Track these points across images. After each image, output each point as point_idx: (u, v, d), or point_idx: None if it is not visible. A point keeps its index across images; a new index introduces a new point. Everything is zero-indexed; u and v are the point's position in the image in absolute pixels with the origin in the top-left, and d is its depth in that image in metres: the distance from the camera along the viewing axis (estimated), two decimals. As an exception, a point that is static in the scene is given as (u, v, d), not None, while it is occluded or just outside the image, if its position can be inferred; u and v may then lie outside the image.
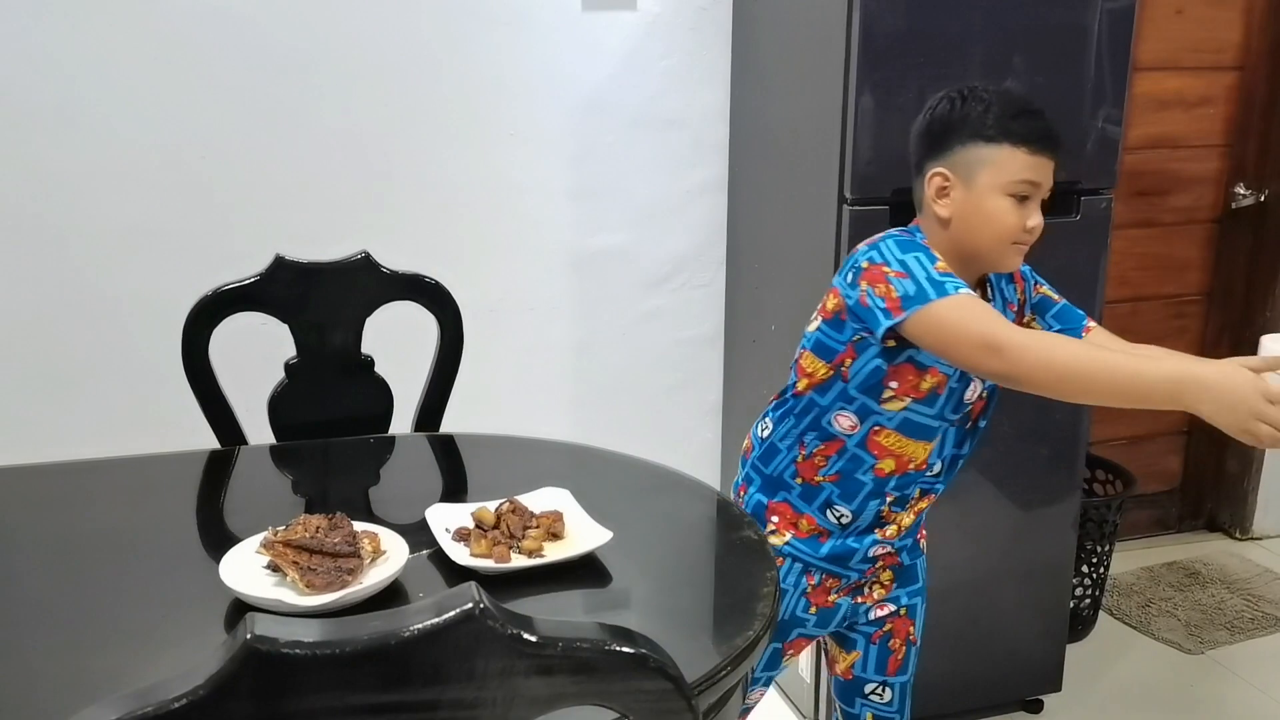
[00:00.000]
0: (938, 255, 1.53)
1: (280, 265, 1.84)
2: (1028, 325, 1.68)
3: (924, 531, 1.78)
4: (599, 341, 2.69)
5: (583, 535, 1.42)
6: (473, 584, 0.74)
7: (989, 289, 1.63)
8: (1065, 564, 2.45)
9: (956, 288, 1.47)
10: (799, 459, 1.66)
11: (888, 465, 1.63)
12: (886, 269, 1.50)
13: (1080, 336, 1.64)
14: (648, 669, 0.79)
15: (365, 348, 1.91)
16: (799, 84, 2.29)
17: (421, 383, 1.96)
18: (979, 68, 2.11)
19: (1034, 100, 1.57)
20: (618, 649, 0.78)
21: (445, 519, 1.44)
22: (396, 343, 1.95)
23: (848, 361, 1.58)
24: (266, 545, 1.31)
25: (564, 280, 2.65)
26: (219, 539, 1.55)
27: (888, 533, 1.67)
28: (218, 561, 1.32)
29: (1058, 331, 1.64)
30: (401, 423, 1.94)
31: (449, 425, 1.95)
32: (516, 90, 2.51)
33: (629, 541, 1.41)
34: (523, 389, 2.63)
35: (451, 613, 0.72)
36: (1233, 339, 3.23)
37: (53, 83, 2.25)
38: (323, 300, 1.86)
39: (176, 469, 1.75)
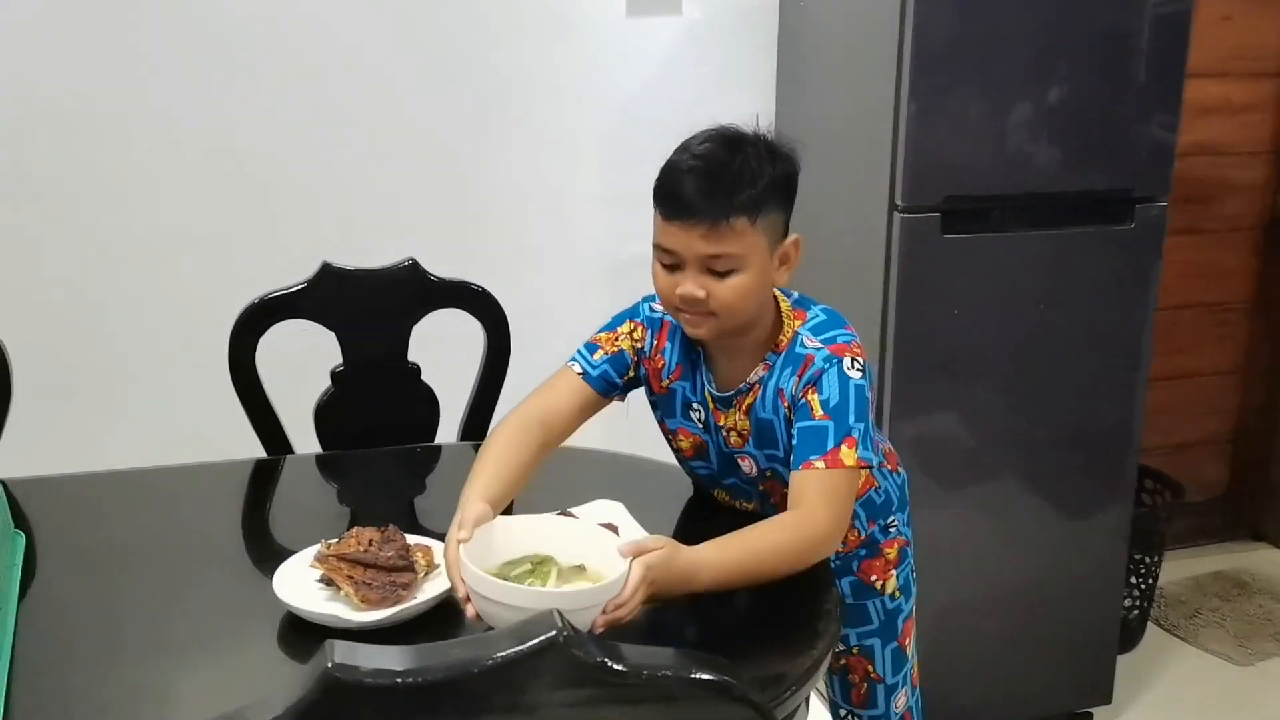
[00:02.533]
0: (653, 311, 1.52)
1: (327, 272, 1.83)
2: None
3: (887, 573, 1.62)
4: (639, 348, 2.66)
5: (639, 549, 1.39)
6: (555, 610, 0.72)
7: (773, 371, 1.43)
8: (1115, 575, 2.42)
9: (574, 360, 1.53)
10: None
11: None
12: None
13: (796, 468, 1.37)
14: (732, 698, 0.77)
15: (411, 356, 1.89)
16: (848, 88, 2.26)
17: (467, 391, 1.94)
18: (1031, 72, 2.08)
19: (710, 155, 1.35)
20: (702, 677, 0.76)
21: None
22: (441, 351, 1.94)
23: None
24: (320, 559, 1.30)
25: (602, 288, 2.63)
26: (266, 550, 1.55)
27: None
28: (265, 572, 1.30)
29: (793, 450, 1.39)
30: (447, 432, 1.93)
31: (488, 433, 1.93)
32: (557, 96, 2.49)
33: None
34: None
35: (534, 640, 0.70)
36: (1274, 348, 3.18)
37: (99, 88, 2.24)
38: (369, 308, 1.85)
39: (222, 478, 1.74)
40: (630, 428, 1.72)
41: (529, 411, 1.50)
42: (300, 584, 1.29)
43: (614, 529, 1.41)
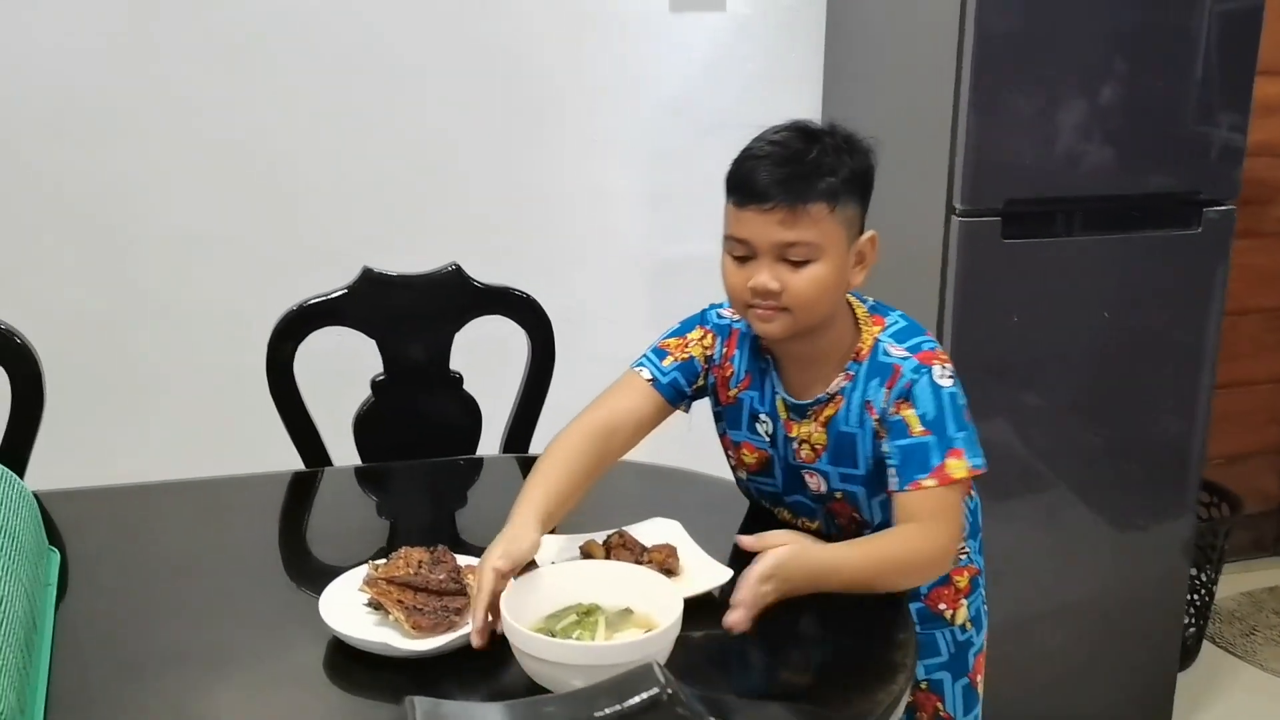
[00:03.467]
0: (721, 318, 1.48)
1: (368, 277, 1.76)
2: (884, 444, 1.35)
3: (957, 602, 1.52)
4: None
5: (699, 572, 1.33)
6: (654, 664, 0.65)
7: (855, 381, 1.36)
8: (1176, 591, 2.34)
9: (641, 364, 1.47)
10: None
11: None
12: None
13: (903, 489, 1.32)
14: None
15: (452, 364, 1.83)
16: (902, 86, 2.19)
17: (508, 400, 1.87)
18: (1096, 70, 2.01)
19: (786, 141, 1.32)
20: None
21: (552, 550, 1.36)
22: (482, 358, 1.87)
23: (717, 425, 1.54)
24: (369, 582, 1.23)
25: (644, 289, 2.56)
26: (305, 566, 1.50)
27: None
28: (304, 589, 1.26)
29: (893, 469, 1.33)
30: (489, 443, 1.87)
31: (533, 445, 1.87)
32: (598, 93, 2.43)
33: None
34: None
35: (636, 699, 0.63)
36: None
37: (123, 87, 2.18)
38: (411, 314, 1.78)
39: (259, 491, 1.68)
40: (695, 440, 1.65)
41: (594, 420, 1.42)
42: (347, 607, 1.23)
43: (672, 549, 1.35)
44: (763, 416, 1.44)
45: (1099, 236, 2.09)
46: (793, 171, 1.29)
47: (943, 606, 1.53)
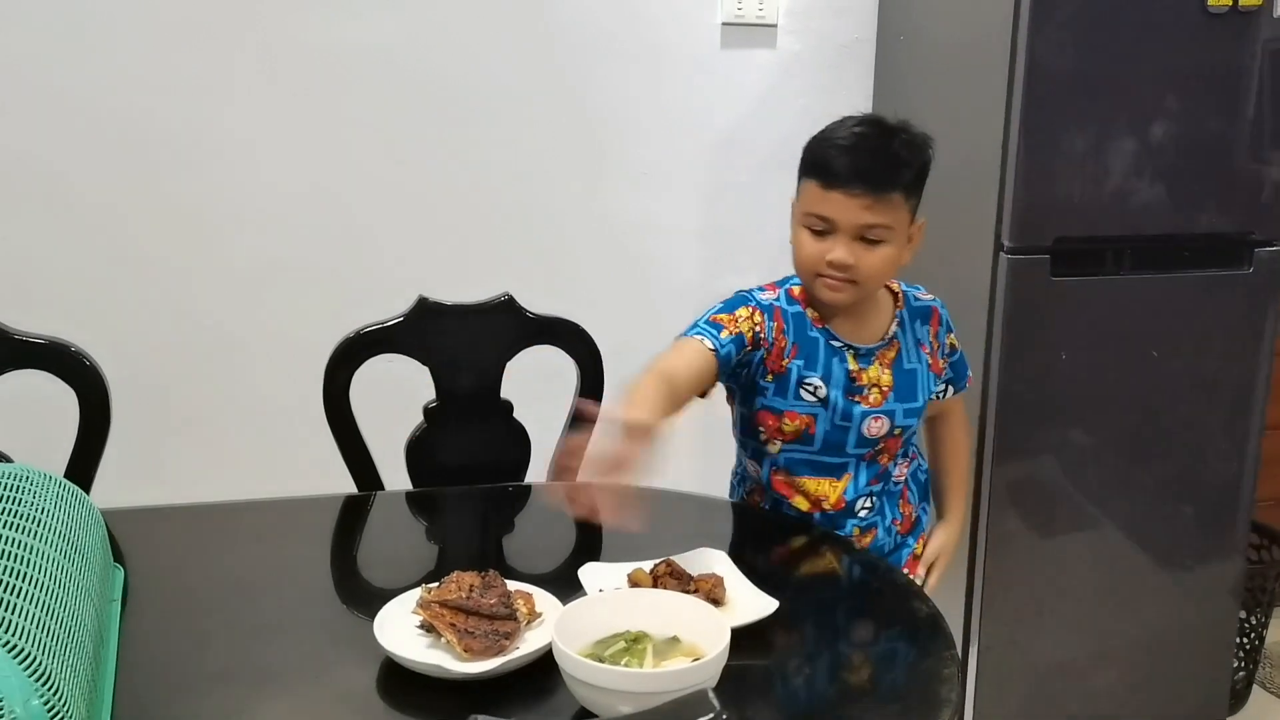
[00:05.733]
0: (763, 298, 1.59)
1: (423, 306, 1.80)
2: (942, 367, 1.67)
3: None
4: (726, 386, 2.61)
5: (745, 603, 1.34)
6: (708, 691, 0.67)
7: (904, 326, 1.63)
8: (1225, 635, 2.31)
9: (696, 332, 1.55)
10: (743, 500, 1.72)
11: (801, 504, 1.63)
12: None
13: (964, 388, 1.72)
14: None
15: (503, 392, 1.86)
16: (950, 123, 2.19)
17: (555, 428, 1.90)
18: (1147, 108, 2.01)
19: (869, 135, 1.51)
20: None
21: (599, 579, 1.37)
22: (531, 386, 1.90)
23: (731, 409, 1.67)
24: (422, 605, 1.26)
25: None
26: (358, 587, 1.52)
27: None
28: (356, 610, 1.28)
29: (947, 384, 1.69)
30: (537, 470, 1.89)
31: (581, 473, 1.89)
32: (649, 128, 2.47)
33: (788, 610, 1.31)
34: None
35: (690, 725, 0.65)
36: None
37: (188, 118, 2.26)
38: (464, 342, 1.81)
39: (313, 513, 1.72)
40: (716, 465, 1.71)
41: (663, 372, 1.47)
42: (400, 629, 1.25)
43: (719, 579, 1.36)
44: (812, 381, 1.57)
45: (1149, 275, 2.09)
46: (878, 162, 1.48)
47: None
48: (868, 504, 1.64)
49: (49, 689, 0.90)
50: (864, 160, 1.48)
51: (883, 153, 1.49)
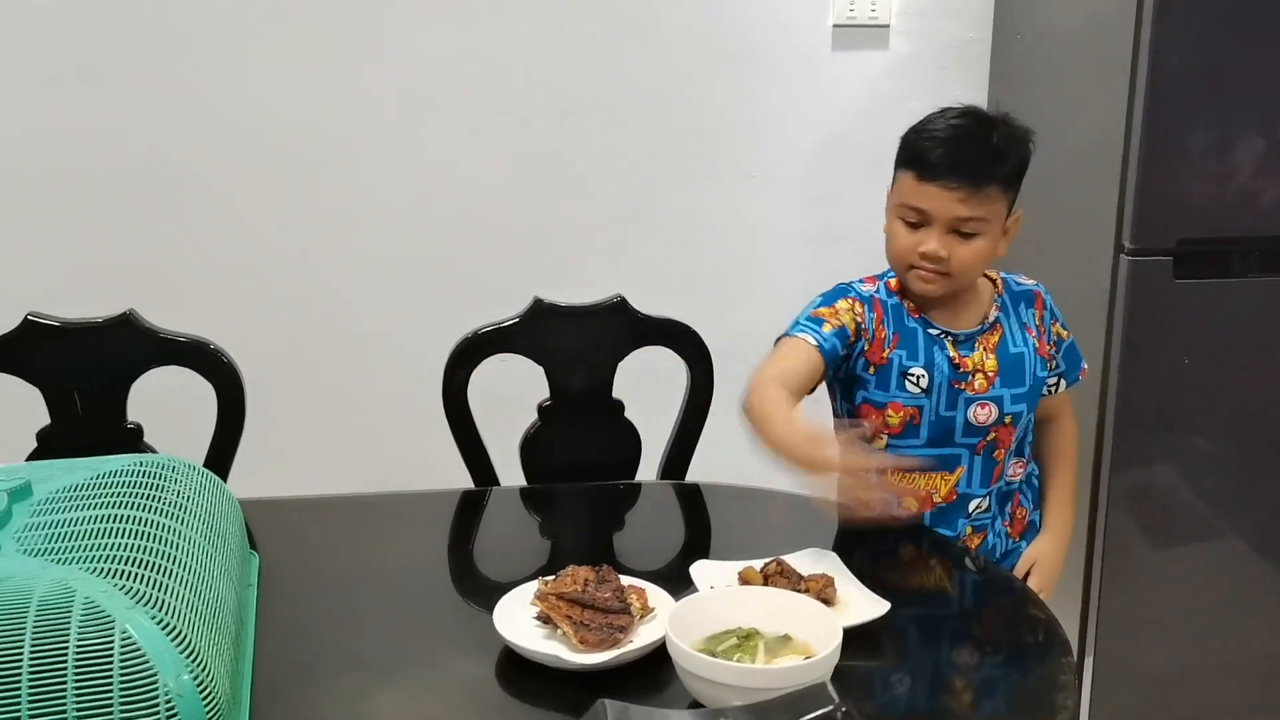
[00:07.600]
0: (863, 290, 1.59)
1: (538, 307, 1.85)
2: (1050, 353, 1.64)
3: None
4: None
5: (856, 604, 1.34)
6: (827, 683, 0.68)
7: (1005, 310, 1.61)
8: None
9: (799, 330, 1.55)
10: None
11: (910, 503, 1.60)
12: None
13: (1077, 379, 1.68)
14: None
15: (615, 392, 1.89)
16: (1069, 123, 2.16)
17: (665, 428, 1.92)
18: (1275, 104, 1.94)
19: (966, 127, 1.49)
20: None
21: (710, 576, 1.40)
22: (642, 386, 1.93)
23: (833, 404, 1.66)
24: (540, 596, 1.29)
25: (799, 324, 2.58)
26: (474, 579, 1.56)
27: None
28: (472, 601, 1.31)
29: (1058, 376, 1.66)
30: (647, 469, 1.92)
31: (690, 473, 1.91)
32: (758, 130, 2.48)
33: (899, 612, 1.32)
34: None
35: (810, 716, 0.67)
36: None
37: (312, 121, 2.36)
38: (578, 343, 1.85)
39: (432, 506, 1.77)
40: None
41: (775, 376, 1.49)
42: (518, 619, 1.29)
43: (829, 580, 1.37)
44: (914, 371, 1.56)
45: (1276, 278, 2.02)
46: (976, 155, 1.47)
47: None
48: (983, 504, 1.62)
49: (198, 665, 0.95)
50: (961, 152, 1.47)
51: (980, 145, 1.48)
